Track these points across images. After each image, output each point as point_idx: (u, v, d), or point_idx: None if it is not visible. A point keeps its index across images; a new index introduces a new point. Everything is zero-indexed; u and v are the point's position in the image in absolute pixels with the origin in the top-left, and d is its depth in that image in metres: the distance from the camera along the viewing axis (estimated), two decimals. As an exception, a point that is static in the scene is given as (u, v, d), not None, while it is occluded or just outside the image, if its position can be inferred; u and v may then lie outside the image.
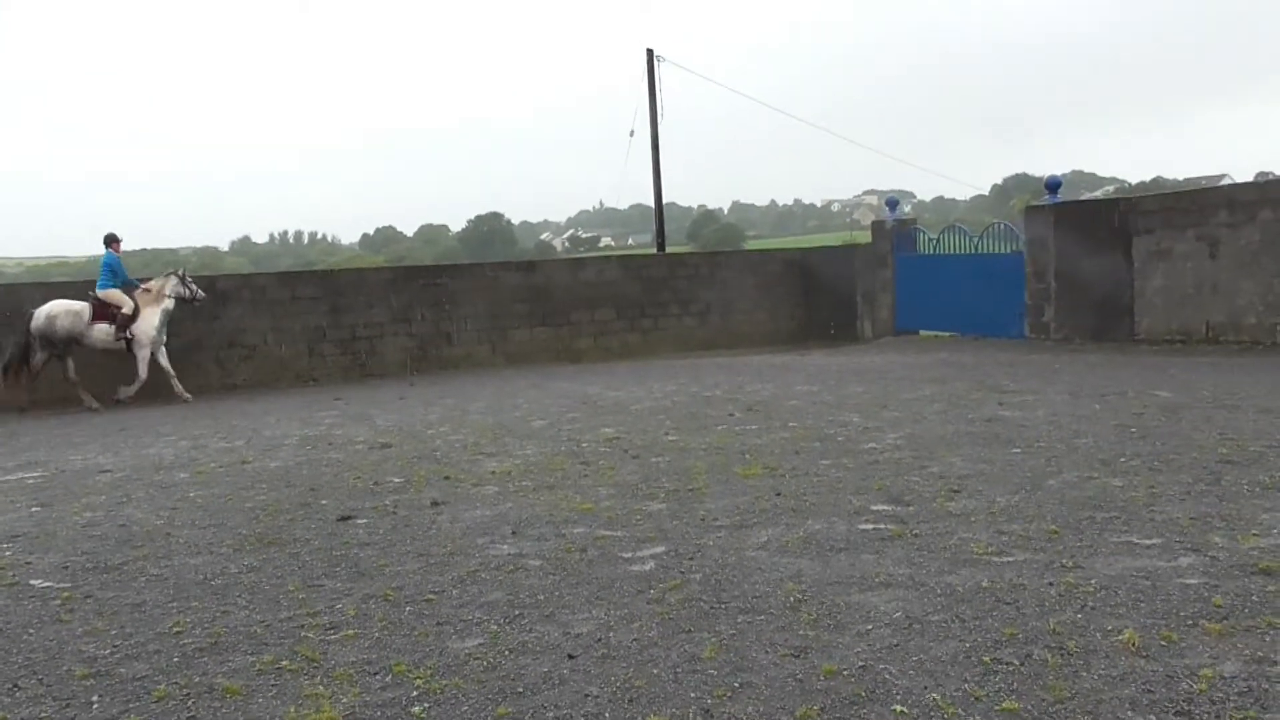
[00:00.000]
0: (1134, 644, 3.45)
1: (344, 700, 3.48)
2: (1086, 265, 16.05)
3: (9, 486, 8.04)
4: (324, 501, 6.77)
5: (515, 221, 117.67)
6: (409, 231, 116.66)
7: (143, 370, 14.08)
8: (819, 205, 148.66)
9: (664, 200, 28.06)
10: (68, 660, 4.06)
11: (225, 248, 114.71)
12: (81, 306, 13.94)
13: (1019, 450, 7.17)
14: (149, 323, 14.14)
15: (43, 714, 3.55)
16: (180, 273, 14.93)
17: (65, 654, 4.13)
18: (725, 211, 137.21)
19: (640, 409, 10.63)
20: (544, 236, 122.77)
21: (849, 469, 6.87)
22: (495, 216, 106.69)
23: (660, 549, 5.12)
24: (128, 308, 14.05)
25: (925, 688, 3.23)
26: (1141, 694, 3.09)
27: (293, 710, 3.42)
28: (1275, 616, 3.64)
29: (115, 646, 4.19)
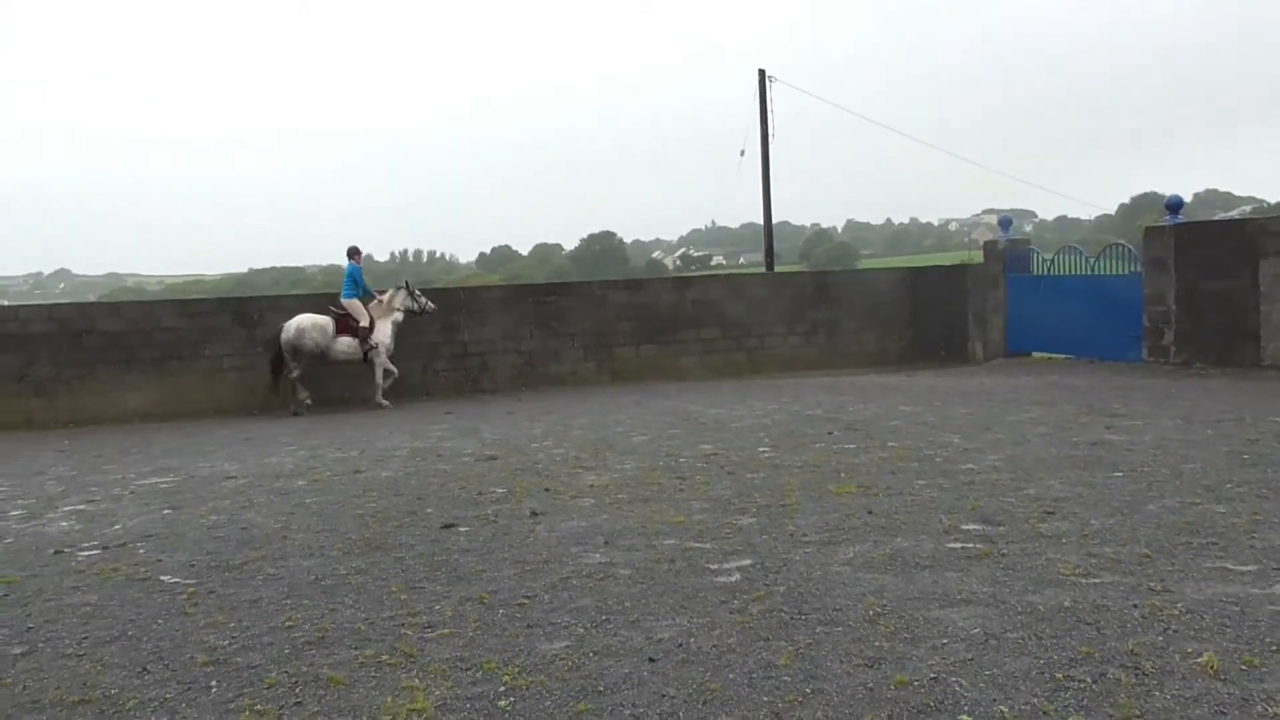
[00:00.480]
0: (1213, 667, 3.43)
1: (437, 692, 3.71)
2: (1209, 288, 15.48)
3: (145, 490, 8.63)
4: (429, 510, 7.09)
5: (627, 240, 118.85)
6: (524, 250, 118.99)
7: (379, 375, 15.47)
8: (936, 224, 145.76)
9: (776, 219, 28.21)
10: (191, 649, 4.41)
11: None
12: (326, 321, 15.21)
13: (1120, 474, 7.04)
14: (384, 333, 15.53)
15: (168, 695, 3.88)
16: (409, 286, 16.19)
17: (189, 643, 4.49)
18: (839, 230, 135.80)
19: (740, 426, 10.74)
20: (655, 255, 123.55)
21: (944, 489, 6.86)
22: (608, 235, 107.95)
23: (747, 562, 5.24)
24: (365, 321, 15.34)
25: (994, 700, 3.28)
26: (1213, 715, 3.08)
27: (390, 699, 3.67)
28: (1368, 646, 3.56)
29: (233, 638, 4.53)
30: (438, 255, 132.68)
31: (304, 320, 15.09)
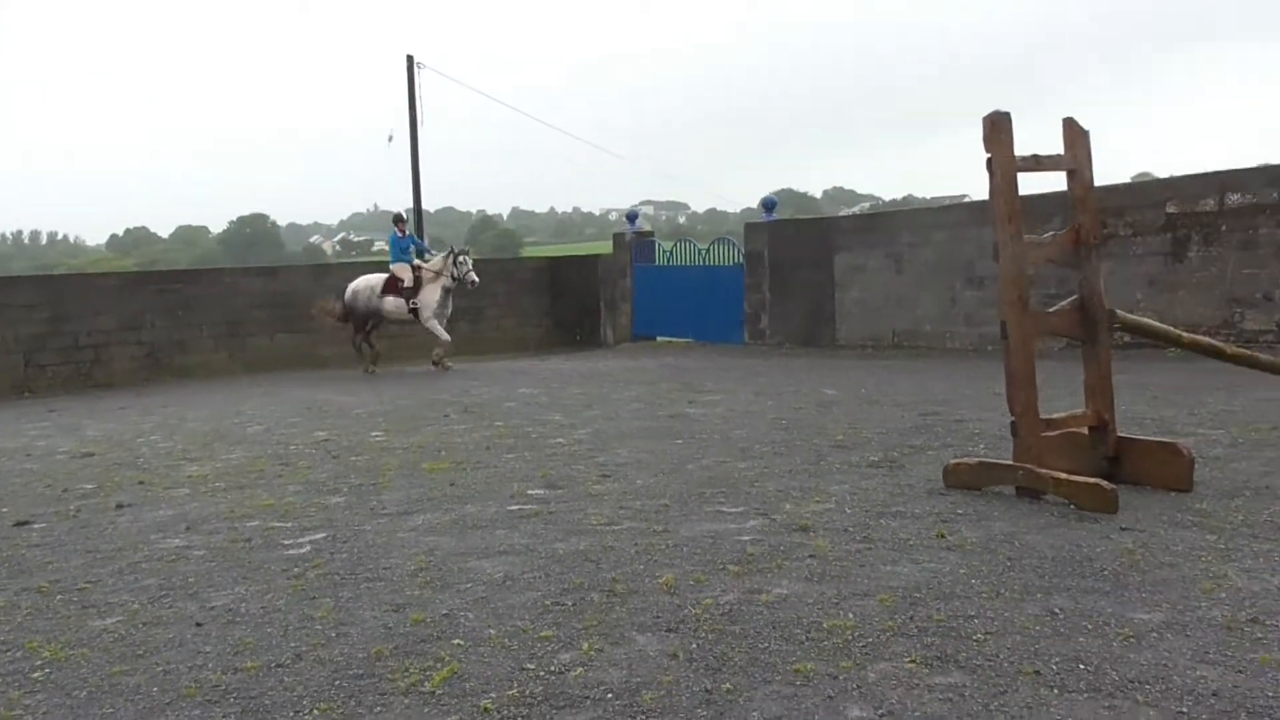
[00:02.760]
0: (669, 585, 4.30)
1: (-31, 673, 3.82)
2: (797, 278, 17.67)
3: None
4: (4, 509, 6.84)
5: (282, 223, 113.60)
6: (164, 233, 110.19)
7: (437, 333, 16.19)
8: (598, 214, 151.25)
9: (441, 204, 28.86)
10: None
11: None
12: (378, 281, 16.30)
13: (681, 441, 8.11)
14: (430, 296, 16.10)
15: None
16: (454, 253, 16.24)
17: None
18: (505, 218, 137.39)
19: (361, 413, 11.02)
20: (313, 239, 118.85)
21: (527, 461, 7.59)
22: (260, 218, 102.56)
23: (321, 535, 5.63)
24: (408, 282, 16.09)
25: (488, 626, 3.93)
26: (650, 619, 3.91)
27: (-84, 684, 3.73)
28: (786, 560, 4.60)
29: None
30: (60, 236, 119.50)
31: (359, 282, 16.45)
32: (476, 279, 16.14)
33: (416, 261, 16.47)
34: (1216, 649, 3.39)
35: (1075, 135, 5.69)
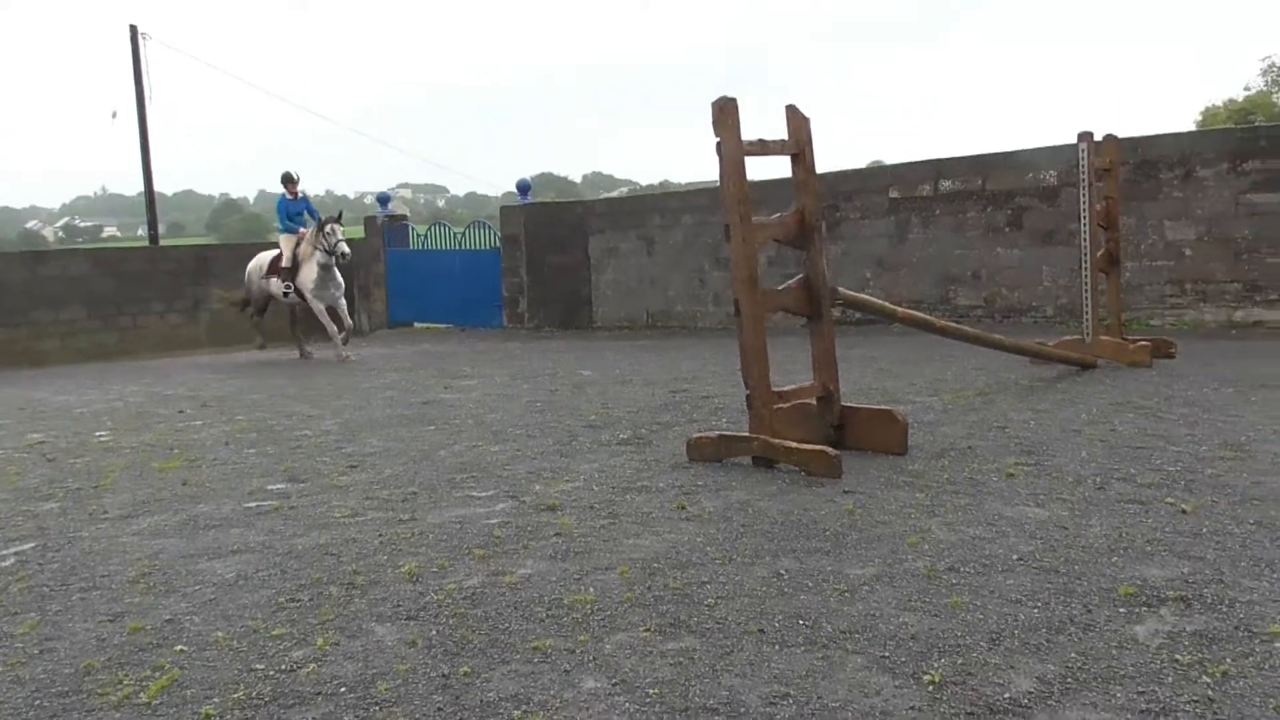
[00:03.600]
0: (411, 573, 4.23)
1: None
2: (554, 261, 17.78)
3: None
4: None
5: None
6: None
7: (323, 320, 14.18)
8: (353, 197, 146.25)
9: (180, 187, 27.64)
10: None
11: None
12: (265, 259, 14.72)
13: (433, 428, 7.99)
14: (308, 275, 13.98)
15: None
16: (322, 223, 13.86)
17: None
18: (251, 201, 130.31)
19: (84, 412, 10.18)
20: (31, 225, 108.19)
21: (269, 455, 7.24)
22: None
23: (29, 546, 5.15)
24: (285, 260, 14.22)
25: (215, 629, 3.73)
26: (390, 609, 3.84)
27: None
28: (532, 541, 4.63)
29: None
30: None
31: (251, 262, 15.00)
32: (348, 250, 14.01)
33: (303, 230, 14.37)
34: (918, 597, 3.70)
35: (798, 121, 6.02)
